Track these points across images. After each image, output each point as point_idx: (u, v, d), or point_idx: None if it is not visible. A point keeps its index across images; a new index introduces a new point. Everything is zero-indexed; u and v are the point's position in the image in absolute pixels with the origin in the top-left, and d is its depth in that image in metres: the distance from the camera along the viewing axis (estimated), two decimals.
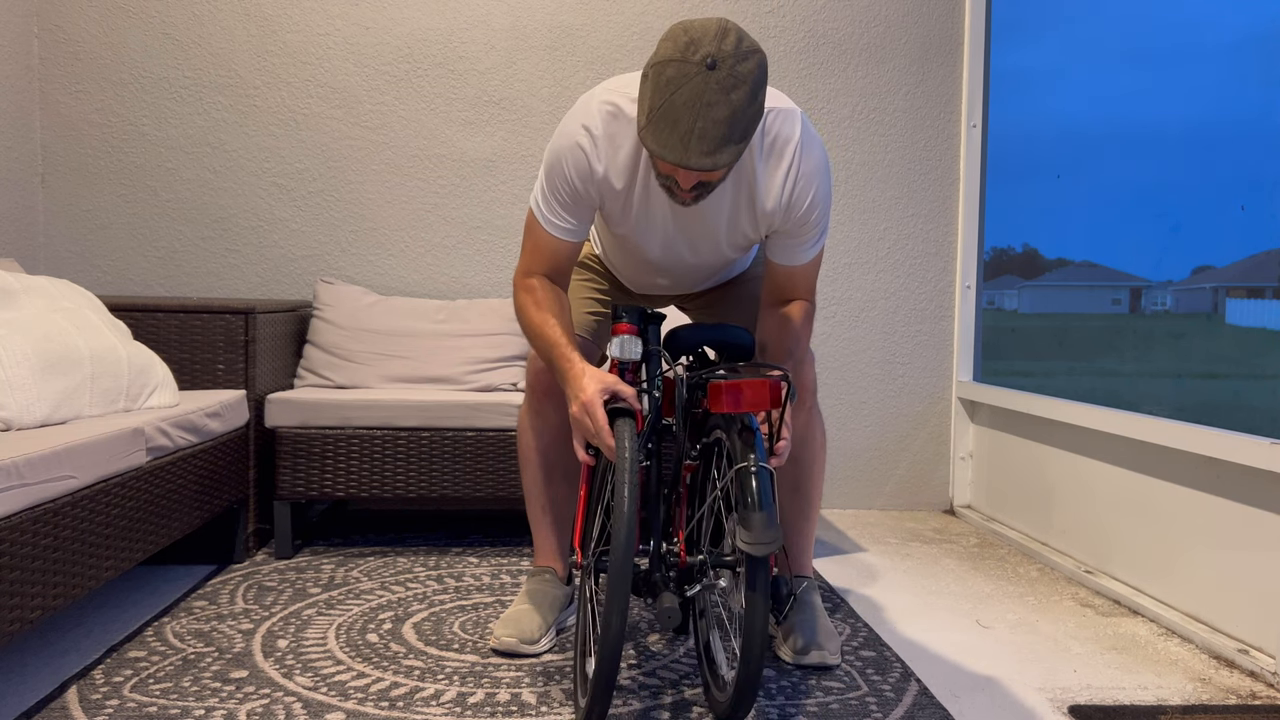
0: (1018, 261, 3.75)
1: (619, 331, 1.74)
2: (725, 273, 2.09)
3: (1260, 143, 2.58)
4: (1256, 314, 2.82)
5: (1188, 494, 2.24)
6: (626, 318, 1.74)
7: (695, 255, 1.90)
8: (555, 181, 1.77)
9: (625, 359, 1.73)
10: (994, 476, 3.25)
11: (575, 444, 1.70)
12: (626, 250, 1.97)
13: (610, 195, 1.78)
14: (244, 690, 1.76)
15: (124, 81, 3.17)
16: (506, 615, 2.01)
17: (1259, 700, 1.82)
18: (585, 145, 1.73)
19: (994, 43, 3.38)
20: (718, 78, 1.48)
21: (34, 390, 1.93)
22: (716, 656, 1.71)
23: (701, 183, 1.62)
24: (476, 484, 2.67)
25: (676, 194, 1.65)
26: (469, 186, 3.28)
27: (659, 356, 1.79)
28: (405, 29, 3.23)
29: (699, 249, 1.88)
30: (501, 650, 1.96)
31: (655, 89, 1.51)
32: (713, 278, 2.07)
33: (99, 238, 3.19)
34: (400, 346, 2.93)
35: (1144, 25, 3.20)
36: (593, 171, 1.74)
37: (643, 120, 1.55)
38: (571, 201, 1.78)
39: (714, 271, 2.02)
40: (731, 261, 1.99)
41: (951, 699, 1.81)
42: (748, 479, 1.51)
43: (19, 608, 1.59)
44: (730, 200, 1.78)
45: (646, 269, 2.00)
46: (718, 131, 1.49)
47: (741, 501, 1.50)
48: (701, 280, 2.06)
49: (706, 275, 2.03)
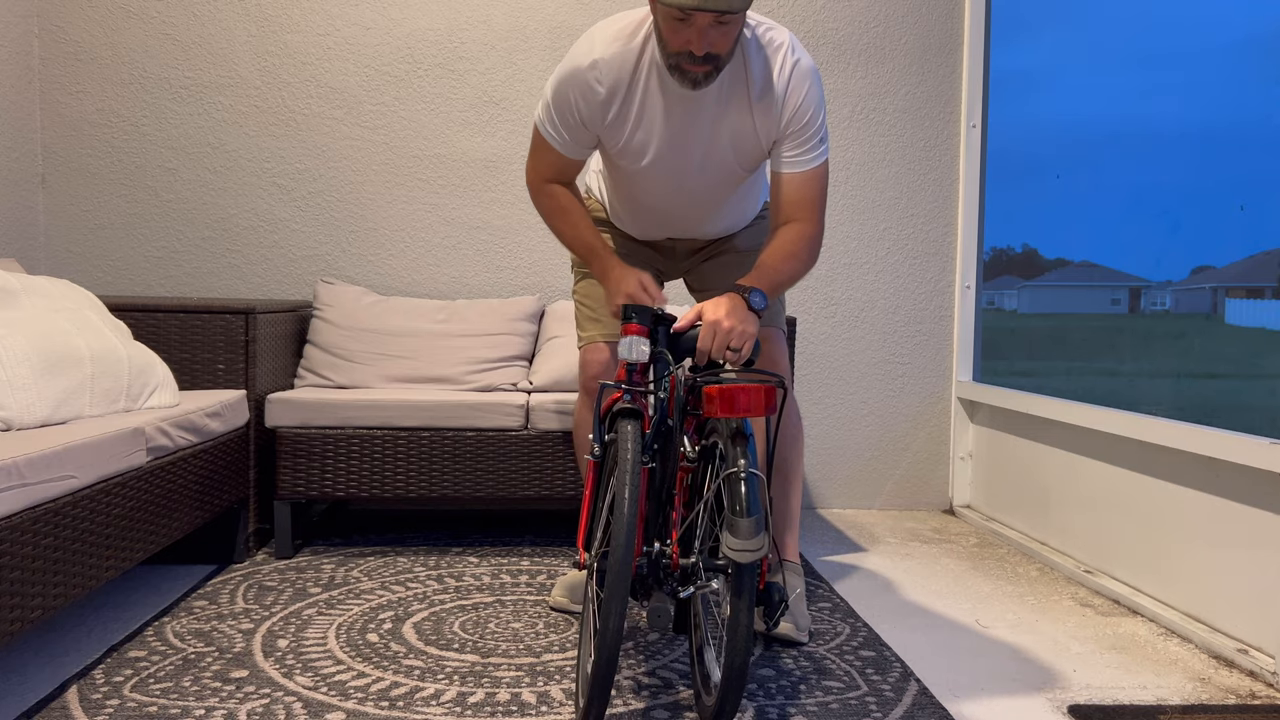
0: (1017, 261, 3.76)
1: (628, 332, 1.75)
2: (731, 216, 2.11)
3: (1260, 143, 2.58)
4: (1256, 314, 2.82)
5: (1187, 494, 2.24)
6: (636, 318, 1.75)
7: (703, 173, 1.96)
8: (560, 102, 1.91)
9: (633, 360, 1.73)
10: (993, 476, 3.25)
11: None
12: (634, 188, 2.04)
13: (612, 115, 1.89)
14: (244, 690, 1.76)
15: (124, 81, 3.17)
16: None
17: (1258, 700, 1.82)
18: (589, 75, 1.86)
19: (994, 43, 3.38)
20: None
21: (34, 390, 1.93)
22: (707, 659, 1.72)
23: (711, 55, 1.72)
24: (476, 484, 2.67)
25: (688, 71, 1.75)
26: (469, 186, 3.28)
27: (666, 358, 1.79)
28: (405, 29, 3.23)
29: (706, 165, 1.94)
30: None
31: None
32: (720, 212, 2.09)
33: (99, 238, 3.19)
34: (400, 346, 2.93)
35: (1144, 25, 3.20)
36: (592, 95, 1.87)
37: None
38: (575, 126, 1.92)
39: (720, 199, 2.04)
40: (739, 184, 2.02)
41: (951, 699, 1.81)
42: (736, 484, 1.51)
43: (19, 608, 1.59)
44: (740, 98, 1.87)
45: (658, 201, 2.05)
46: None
47: (730, 506, 1.50)
48: (710, 214, 2.08)
49: (714, 206, 2.05)
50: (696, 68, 1.74)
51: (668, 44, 1.75)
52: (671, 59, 1.76)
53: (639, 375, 1.75)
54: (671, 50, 1.75)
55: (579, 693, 1.65)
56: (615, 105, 1.88)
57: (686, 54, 1.73)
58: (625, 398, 1.68)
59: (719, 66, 1.76)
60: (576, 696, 1.67)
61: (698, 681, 1.70)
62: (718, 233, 2.17)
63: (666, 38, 1.74)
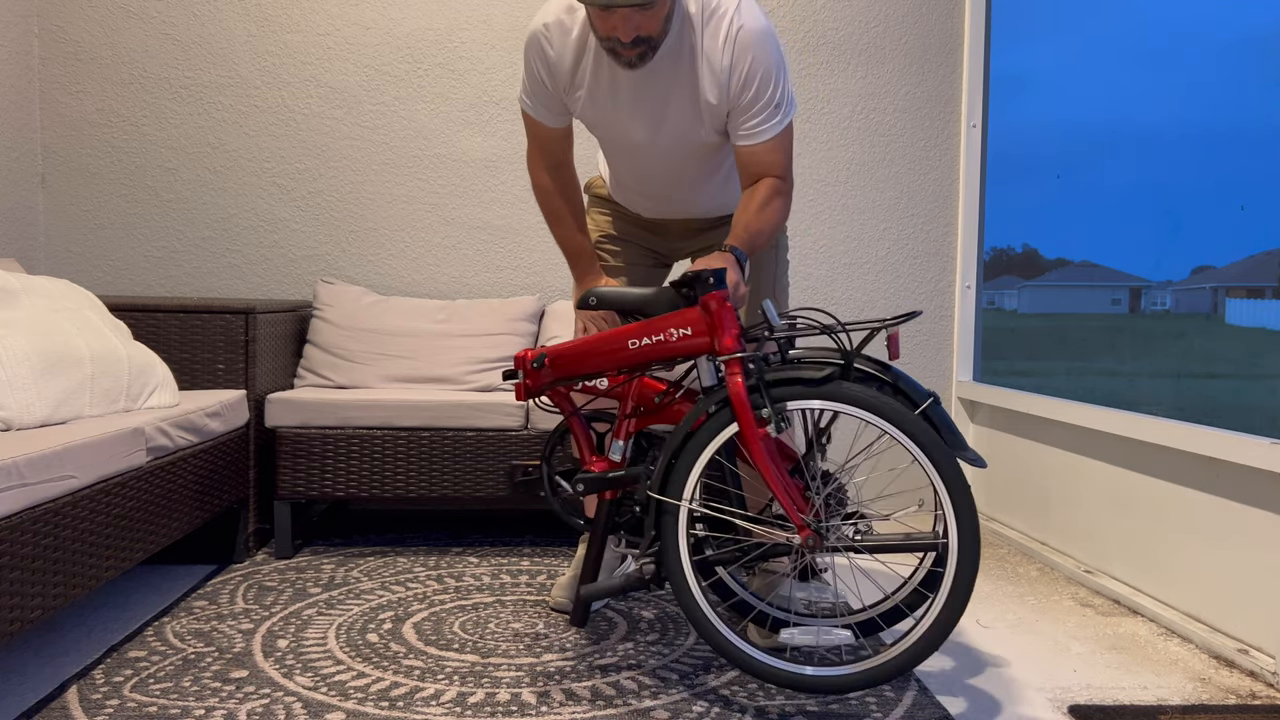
0: (1017, 261, 3.75)
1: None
2: (722, 195, 2.15)
3: (1260, 143, 2.58)
4: (1256, 314, 2.82)
5: (1187, 494, 2.24)
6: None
7: (670, 145, 1.98)
8: (527, 65, 1.98)
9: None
10: (994, 476, 3.25)
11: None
12: (615, 162, 2.10)
13: (569, 80, 1.94)
14: (244, 690, 1.76)
15: (124, 81, 3.17)
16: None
17: (1259, 700, 1.82)
18: (542, 36, 1.92)
19: (994, 43, 3.38)
20: None
21: (34, 390, 1.93)
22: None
23: (640, 38, 1.75)
24: (476, 484, 2.67)
25: (621, 54, 1.79)
26: (469, 186, 3.28)
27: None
28: (406, 29, 3.23)
29: (669, 136, 1.96)
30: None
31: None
32: (705, 190, 2.11)
33: (99, 238, 3.19)
34: (400, 346, 2.93)
35: (1144, 25, 3.20)
36: (546, 56, 1.92)
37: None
38: (540, 87, 1.97)
39: (700, 175, 2.07)
40: (714, 156, 2.03)
41: (951, 699, 1.81)
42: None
43: (19, 608, 1.59)
44: (685, 71, 1.88)
45: (642, 178, 2.09)
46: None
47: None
48: (694, 191, 2.11)
49: (696, 181, 2.08)
50: (627, 51, 1.78)
51: (597, 30, 1.79)
52: (605, 43, 1.80)
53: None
54: (602, 35, 1.79)
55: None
56: (565, 70, 1.93)
57: (615, 39, 1.76)
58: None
59: (653, 46, 1.80)
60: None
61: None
62: (710, 211, 2.18)
63: (595, 24, 1.79)
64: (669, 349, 1.73)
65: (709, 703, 1.75)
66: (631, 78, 1.89)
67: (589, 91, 1.93)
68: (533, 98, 2.00)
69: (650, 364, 1.78)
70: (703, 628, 1.69)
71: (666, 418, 1.85)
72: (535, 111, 2.01)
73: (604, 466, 1.85)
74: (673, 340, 1.72)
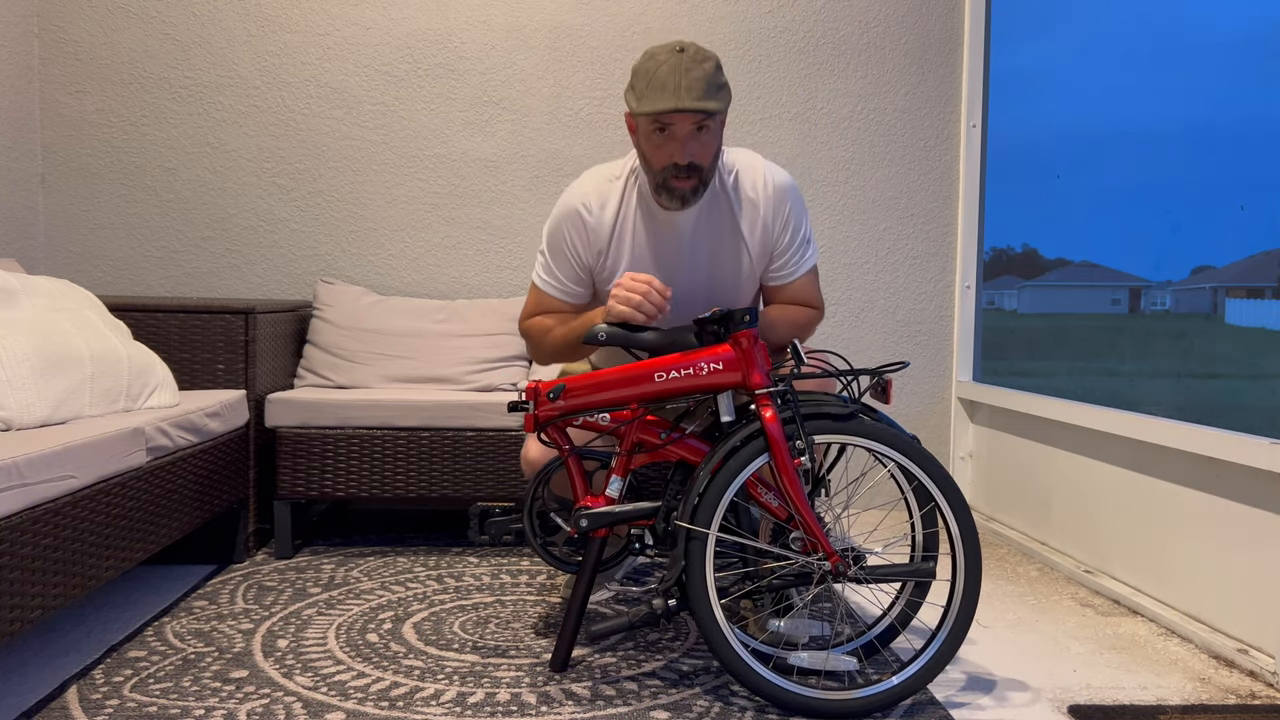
0: (1018, 261, 3.76)
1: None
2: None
3: (1260, 143, 2.58)
4: (1256, 314, 2.82)
5: (1187, 494, 2.24)
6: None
7: (720, 287, 2.03)
8: (554, 243, 2.00)
9: None
10: (993, 476, 3.25)
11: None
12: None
13: (606, 245, 1.98)
14: (244, 690, 1.76)
15: (124, 81, 3.17)
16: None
17: (1258, 700, 1.82)
18: (581, 205, 1.97)
19: (994, 43, 3.38)
20: (689, 55, 1.79)
21: (34, 390, 1.93)
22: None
23: (695, 165, 1.81)
24: (476, 484, 2.67)
25: (676, 187, 1.83)
26: (469, 186, 3.28)
27: None
28: (405, 29, 3.23)
29: (721, 275, 2.01)
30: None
31: (638, 76, 1.81)
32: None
33: (99, 238, 3.19)
34: (400, 346, 2.93)
35: (1144, 26, 3.20)
36: (585, 224, 1.97)
37: (634, 102, 1.81)
38: (565, 263, 2.00)
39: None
40: (746, 296, 2.10)
41: (951, 699, 1.81)
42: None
43: (19, 608, 1.59)
44: (713, 224, 1.96)
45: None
46: (699, 85, 1.76)
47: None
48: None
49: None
50: (683, 182, 1.83)
51: (652, 162, 1.84)
52: (658, 177, 1.84)
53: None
54: (657, 168, 1.84)
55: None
56: (602, 236, 1.97)
57: (671, 167, 1.81)
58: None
59: (704, 180, 1.85)
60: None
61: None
62: None
63: (650, 156, 1.84)
64: (698, 383, 1.76)
65: (709, 702, 1.75)
66: (668, 228, 1.94)
67: (622, 251, 1.97)
68: (552, 276, 2.02)
69: (669, 399, 1.79)
70: (724, 655, 1.70)
71: (662, 455, 1.85)
72: (552, 290, 2.03)
73: (602, 504, 1.85)
74: (703, 374, 1.75)
